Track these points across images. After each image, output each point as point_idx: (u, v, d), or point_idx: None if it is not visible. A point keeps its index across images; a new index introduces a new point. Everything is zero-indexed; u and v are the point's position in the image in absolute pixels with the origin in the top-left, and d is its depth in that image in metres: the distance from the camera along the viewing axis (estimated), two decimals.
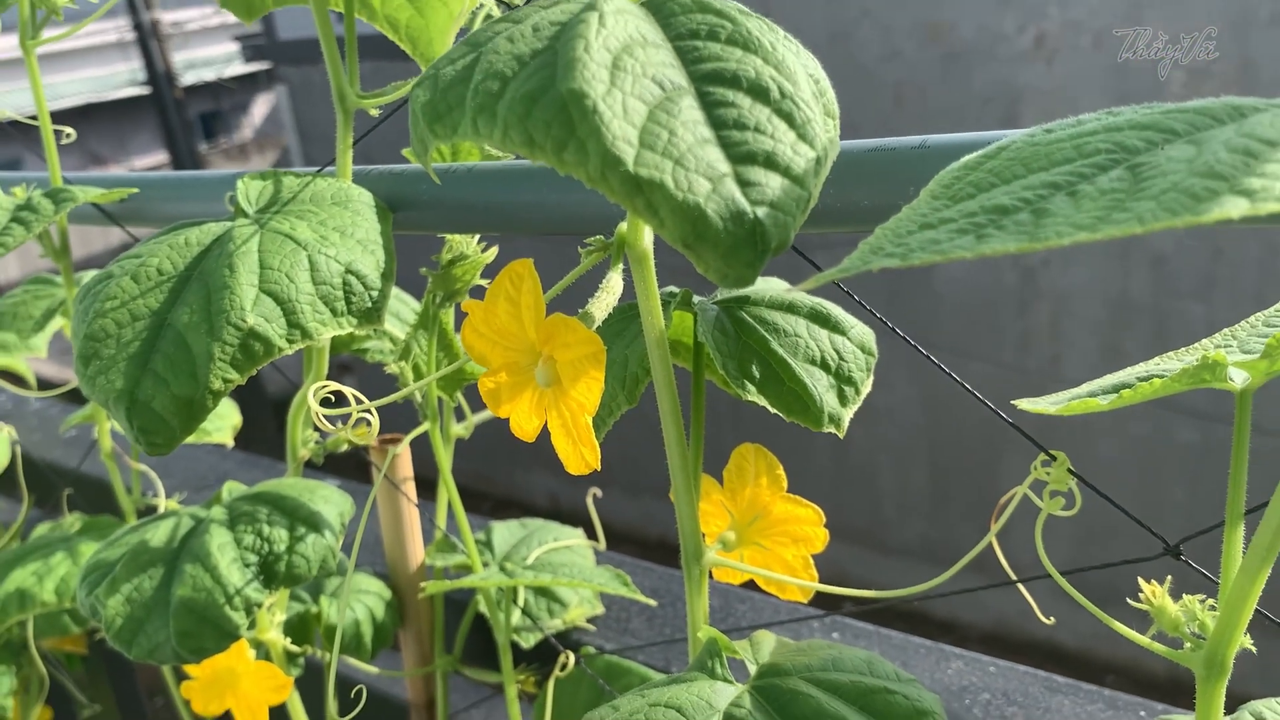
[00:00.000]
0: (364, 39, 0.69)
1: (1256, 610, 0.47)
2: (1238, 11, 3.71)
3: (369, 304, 0.60)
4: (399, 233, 0.68)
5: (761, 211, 0.35)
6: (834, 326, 0.55)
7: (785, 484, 0.57)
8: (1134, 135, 0.35)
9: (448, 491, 0.75)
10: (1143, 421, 4.11)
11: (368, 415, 0.52)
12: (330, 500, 0.73)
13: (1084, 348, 4.27)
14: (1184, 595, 0.49)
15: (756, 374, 0.52)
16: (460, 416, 0.86)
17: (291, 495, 0.73)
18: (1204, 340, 0.54)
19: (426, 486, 0.90)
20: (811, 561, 0.57)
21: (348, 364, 6.13)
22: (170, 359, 0.57)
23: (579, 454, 0.44)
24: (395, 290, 0.86)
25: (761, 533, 0.57)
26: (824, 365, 0.54)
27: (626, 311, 0.58)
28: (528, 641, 0.82)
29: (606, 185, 0.34)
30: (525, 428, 0.46)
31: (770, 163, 0.36)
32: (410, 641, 0.88)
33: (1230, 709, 0.50)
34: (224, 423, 1.05)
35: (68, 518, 1.13)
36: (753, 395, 0.52)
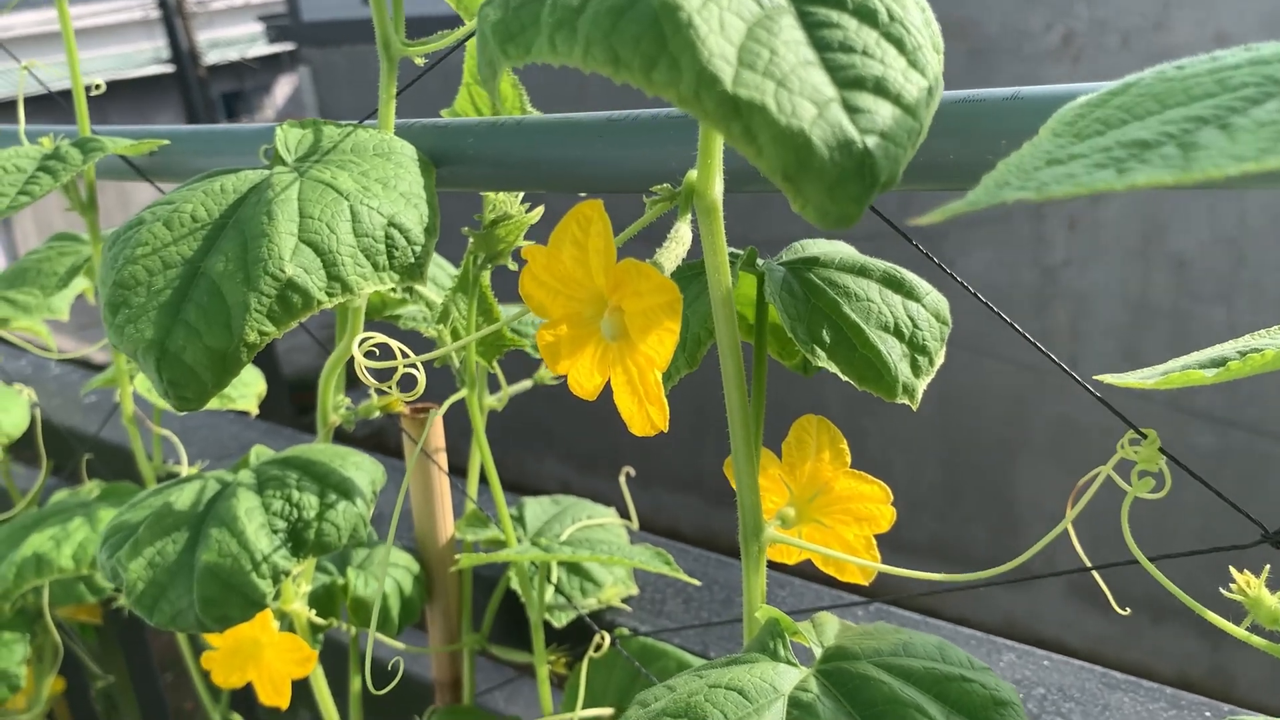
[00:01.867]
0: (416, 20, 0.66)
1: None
2: (1269, 13, 3.65)
3: (411, 259, 0.57)
4: (440, 189, 0.65)
5: (871, 141, 0.31)
6: (908, 292, 0.52)
7: (849, 459, 0.54)
8: None
9: (483, 461, 0.72)
10: (1159, 425, 4.06)
11: (414, 370, 0.49)
12: (362, 467, 0.71)
13: (1102, 349, 4.22)
14: None
15: (827, 339, 0.49)
16: (494, 388, 0.83)
17: (322, 461, 0.70)
18: None
19: (452, 468, 0.87)
20: (874, 542, 0.54)
21: None
22: (204, 309, 0.54)
23: (645, 414, 0.41)
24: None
25: (822, 510, 0.54)
26: (897, 332, 0.50)
27: (687, 271, 0.55)
28: (559, 621, 0.79)
29: (700, 107, 0.31)
30: (585, 385, 0.43)
31: (880, 89, 0.32)
32: (437, 617, 0.85)
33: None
34: (249, 390, 1.02)
35: (87, 484, 1.10)
36: (823, 361, 0.49)
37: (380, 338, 0.49)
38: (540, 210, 0.67)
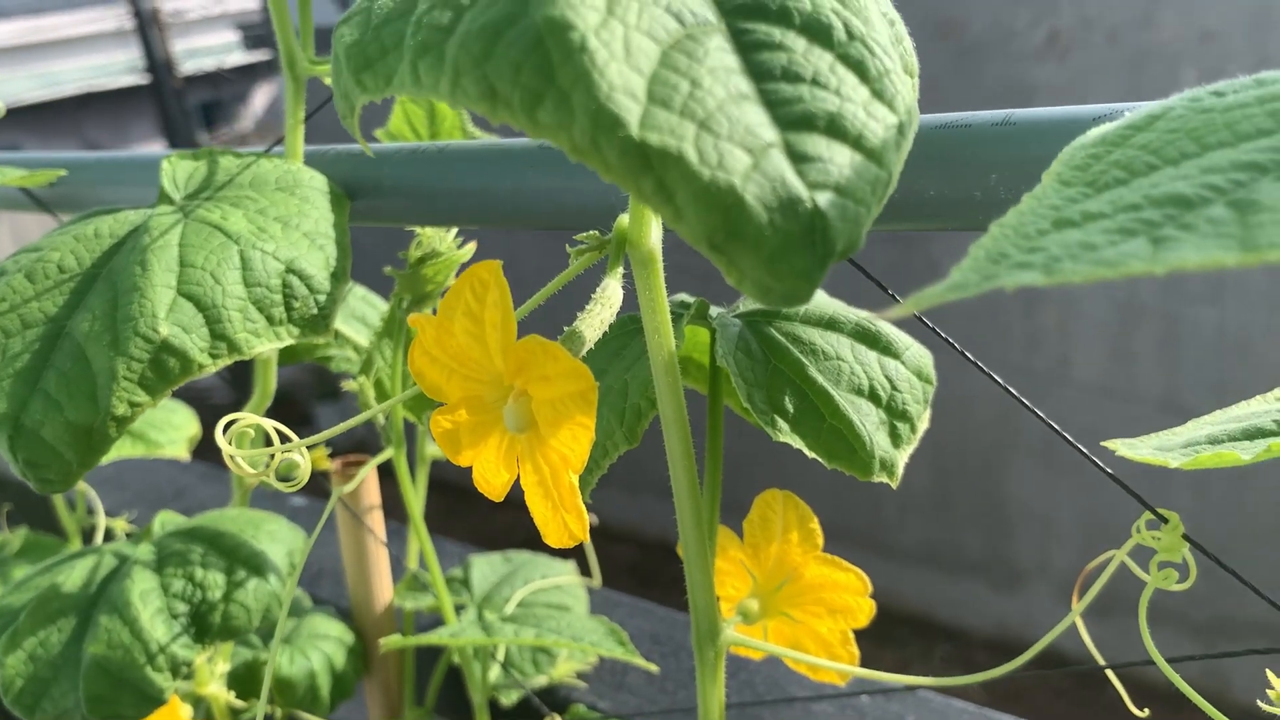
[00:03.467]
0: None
1: None
2: (1255, 10, 3.60)
3: (314, 310, 0.49)
4: (360, 224, 0.58)
5: (824, 199, 0.24)
6: (884, 348, 0.45)
7: (821, 541, 0.46)
8: None
9: (415, 528, 0.65)
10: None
11: (296, 456, 0.42)
12: (278, 537, 0.63)
13: (1092, 350, 4.17)
14: None
15: (790, 408, 0.41)
16: None
17: (232, 531, 0.62)
18: None
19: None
20: (851, 636, 0.47)
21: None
22: (65, 376, 0.46)
23: (559, 521, 0.33)
24: (362, 292, 0.75)
25: (791, 600, 0.46)
26: (873, 396, 0.43)
27: (627, 325, 0.47)
28: (509, 698, 0.71)
29: (599, 157, 0.24)
30: (492, 483, 0.36)
31: (835, 130, 0.25)
32: (376, 692, 0.77)
33: None
34: (178, 434, 0.94)
35: (13, 536, 1.02)
36: (785, 435, 0.41)
37: (252, 419, 0.42)
38: (472, 247, 0.60)
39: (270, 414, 0.72)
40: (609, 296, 0.37)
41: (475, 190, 0.53)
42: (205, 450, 1.08)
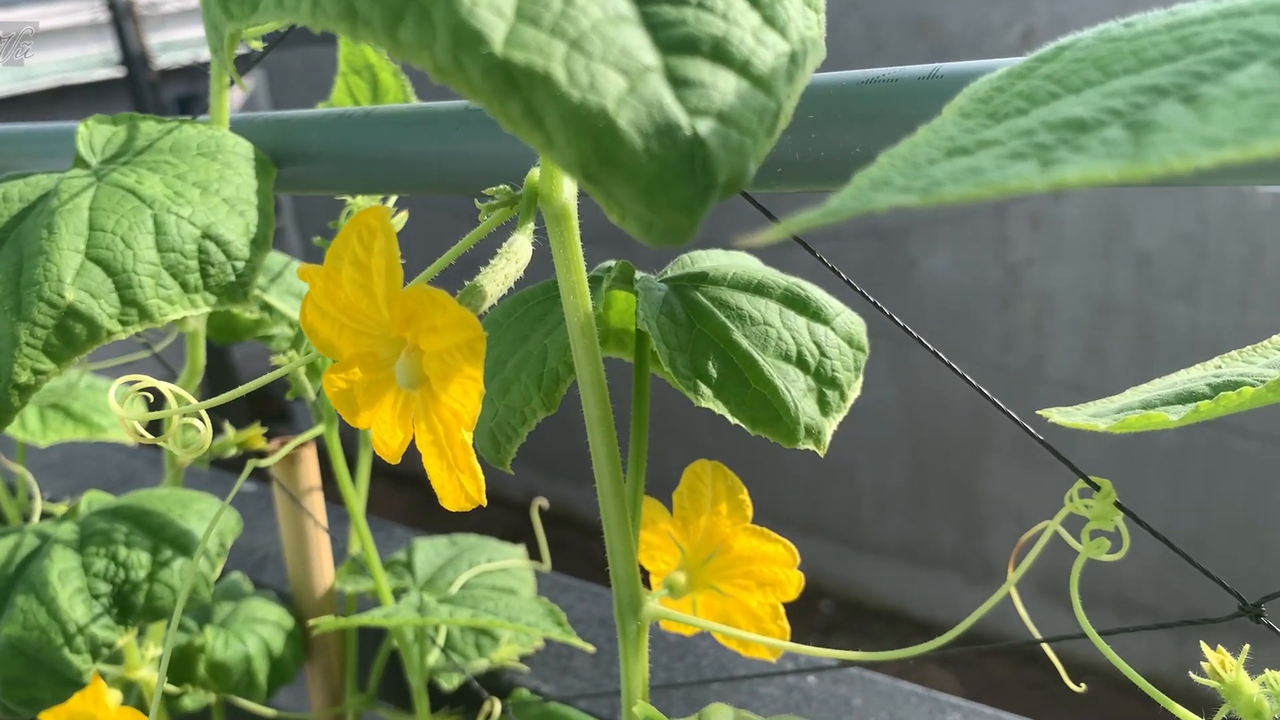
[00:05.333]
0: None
1: None
2: None
3: (232, 277, 0.47)
4: (288, 193, 0.56)
5: (704, 126, 0.23)
6: (814, 314, 0.43)
7: (750, 512, 0.45)
8: (1275, 22, 0.23)
9: (350, 509, 0.63)
10: None
11: (195, 422, 0.40)
12: (207, 517, 0.61)
13: (1066, 347, 4.18)
14: (1268, 670, 0.37)
15: (713, 372, 0.40)
16: None
17: (159, 510, 0.60)
18: (1262, 344, 0.43)
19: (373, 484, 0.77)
20: (781, 610, 0.45)
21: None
22: None
23: (455, 481, 0.32)
24: (301, 265, 0.73)
25: (719, 573, 0.45)
26: (801, 363, 0.42)
27: (551, 290, 0.46)
28: (450, 682, 0.70)
29: (463, 77, 0.22)
30: (389, 444, 0.34)
31: (720, 54, 0.24)
32: (317, 676, 0.75)
33: None
34: None
35: None
36: (708, 400, 0.40)
37: (149, 381, 0.40)
38: (404, 215, 0.58)
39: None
40: (515, 251, 0.35)
41: (403, 155, 0.52)
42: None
